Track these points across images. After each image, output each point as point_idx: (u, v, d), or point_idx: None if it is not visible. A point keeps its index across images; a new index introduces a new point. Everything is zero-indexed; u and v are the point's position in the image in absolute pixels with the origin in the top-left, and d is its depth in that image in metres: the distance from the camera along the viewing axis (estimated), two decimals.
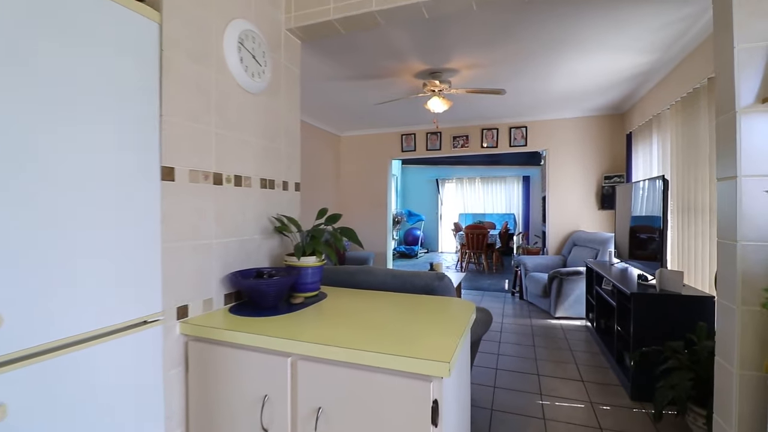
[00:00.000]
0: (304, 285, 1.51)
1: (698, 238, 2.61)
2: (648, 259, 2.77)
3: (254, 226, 1.54)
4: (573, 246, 4.79)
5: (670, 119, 3.10)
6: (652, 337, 2.30)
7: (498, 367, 2.87)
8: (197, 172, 1.28)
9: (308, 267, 1.51)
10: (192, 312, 1.26)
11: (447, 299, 1.51)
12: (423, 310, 1.37)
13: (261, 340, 1.09)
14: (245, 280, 1.34)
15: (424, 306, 1.42)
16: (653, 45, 2.86)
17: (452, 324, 1.19)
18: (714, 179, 2.37)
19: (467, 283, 6.02)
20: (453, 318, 1.26)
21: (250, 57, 1.50)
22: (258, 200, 1.57)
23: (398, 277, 1.73)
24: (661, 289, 2.38)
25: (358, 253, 5.38)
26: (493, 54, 3.05)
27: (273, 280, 1.35)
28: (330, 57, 3.10)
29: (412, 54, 3.05)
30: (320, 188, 5.63)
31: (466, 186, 10.35)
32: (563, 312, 4.07)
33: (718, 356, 1.30)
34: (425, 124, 5.56)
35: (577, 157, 4.99)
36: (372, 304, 1.44)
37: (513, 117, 5.19)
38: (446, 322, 1.22)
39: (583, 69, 3.38)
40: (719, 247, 1.31)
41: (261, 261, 1.58)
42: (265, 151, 1.61)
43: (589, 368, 2.82)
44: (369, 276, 1.77)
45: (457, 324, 1.18)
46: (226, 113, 1.41)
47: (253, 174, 1.54)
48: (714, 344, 2.01)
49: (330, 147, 5.94)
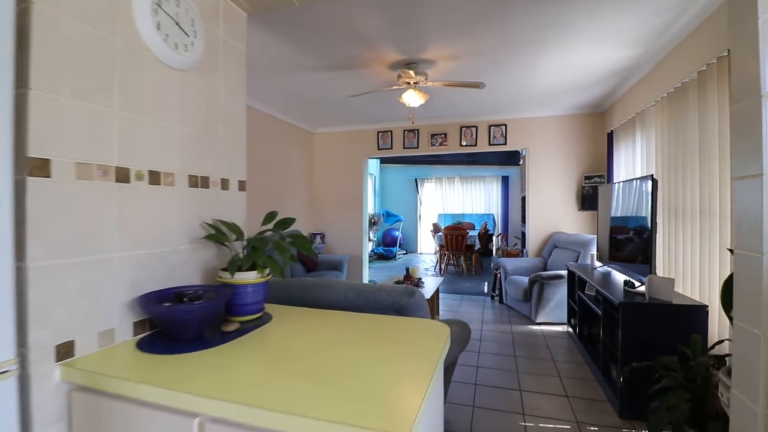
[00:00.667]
0: (241, 307, 1.23)
1: (686, 242, 2.46)
2: (633, 263, 2.61)
3: (179, 234, 1.24)
4: (553, 248, 4.65)
5: (654, 116, 2.96)
6: (642, 350, 2.13)
7: (477, 381, 2.65)
8: (90, 166, 0.97)
9: (247, 285, 1.23)
10: (81, 350, 0.96)
11: (417, 322, 1.25)
12: (386, 339, 1.10)
13: (158, 395, 0.80)
14: (156, 306, 1.05)
15: (388, 332, 1.15)
16: (639, 38, 2.70)
17: (420, 363, 0.93)
18: (707, 179, 2.22)
19: (446, 286, 5.82)
20: (422, 351, 1.00)
21: (173, 24, 1.20)
22: (185, 202, 1.27)
23: (361, 294, 1.46)
24: (651, 298, 2.21)
25: (332, 257, 5.08)
26: (471, 44, 2.82)
27: (194, 305, 1.06)
28: (296, 43, 2.81)
29: (385, 41, 2.79)
30: (291, 188, 5.30)
31: (445, 186, 10.19)
32: (544, 317, 3.91)
33: (736, 390, 1.09)
34: (402, 120, 5.32)
35: (557, 157, 4.86)
36: (325, 331, 1.17)
37: (492, 114, 5.02)
38: (414, 357, 0.97)
39: (565, 63, 3.20)
40: (737, 258, 1.10)
41: (190, 277, 1.28)
42: (196, 142, 1.32)
43: (574, 381, 2.63)
44: (327, 292, 1.50)
45: (426, 362, 0.93)
46: (136, 92, 1.10)
47: (179, 169, 1.24)
48: (711, 360, 1.86)
49: (302, 144, 5.62)
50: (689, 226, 2.42)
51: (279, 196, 5.02)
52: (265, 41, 2.79)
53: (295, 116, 5.14)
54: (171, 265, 1.21)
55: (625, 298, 2.26)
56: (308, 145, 5.81)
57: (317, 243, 5.66)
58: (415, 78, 3.08)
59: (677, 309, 2.10)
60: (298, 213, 5.49)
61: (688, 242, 2.44)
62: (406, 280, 3.77)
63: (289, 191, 5.28)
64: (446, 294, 5.32)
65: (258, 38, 2.72)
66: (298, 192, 5.53)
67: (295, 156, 5.42)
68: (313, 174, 5.92)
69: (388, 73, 3.41)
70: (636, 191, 2.64)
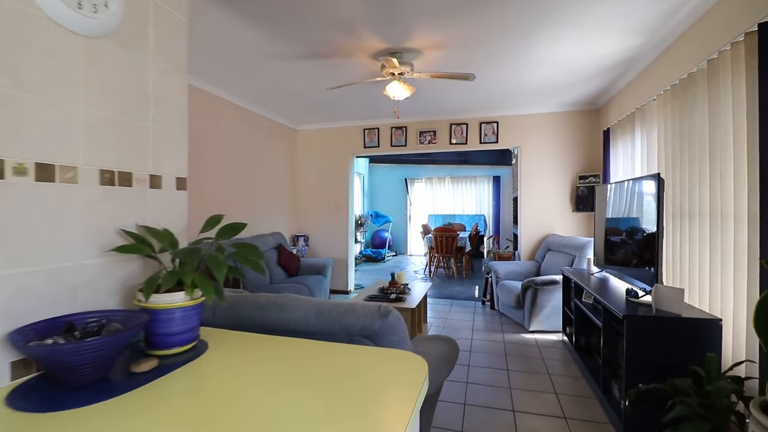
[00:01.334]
0: (163, 338, 0.96)
1: (693, 247, 2.25)
2: (635, 269, 2.39)
3: (84, 246, 0.97)
4: (547, 251, 4.44)
5: (657, 111, 2.75)
6: (648, 368, 1.91)
7: (467, 400, 2.41)
8: None
9: (173, 309, 0.96)
10: None
11: (388, 355, 1.00)
12: (350, 379, 0.85)
13: None
14: (33, 346, 0.78)
15: (352, 370, 0.90)
16: (641, 24, 2.49)
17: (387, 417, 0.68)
18: (718, 177, 2.00)
19: (435, 290, 5.58)
20: (392, 401, 0.75)
21: None
22: (94, 204, 1.00)
23: (324, 315, 1.20)
24: (658, 310, 1.99)
25: (315, 260, 4.81)
26: (460, 31, 2.59)
27: (83, 343, 0.79)
28: (269, 27, 2.54)
29: (366, 26, 2.54)
30: (272, 188, 5.02)
31: (435, 186, 9.97)
32: (538, 325, 3.69)
33: None
34: (390, 117, 5.07)
35: (551, 156, 4.66)
36: (272, 368, 0.91)
37: (483, 111, 4.80)
38: (381, 410, 0.71)
39: (559, 55, 2.99)
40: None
41: (102, 300, 1.01)
42: (111, 129, 1.05)
43: (572, 399, 2.41)
44: (284, 312, 1.24)
45: (395, 415, 0.68)
46: (19, 62, 0.84)
47: (83, 162, 0.97)
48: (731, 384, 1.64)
49: (285, 142, 5.34)
50: (697, 229, 2.21)
51: (259, 196, 4.73)
52: (244, 32, 2.52)
53: (276, 112, 4.86)
54: (72, 286, 0.95)
55: (628, 309, 2.04)
56: (291, 143, 5.53)
57: (300, 246, 5.39)
58: (400, 68, 2.83)
59: (688, 323, 1.88)
60: (280, 214, 5.21)
61: (695, 247, 2.23)
62: (392, 286, 3.52)
63: (271, 191, 4.99)
64: (435, 299, 5.08)
65: (224, 21, 2.44)
66: (281, 192, 5.25)
67: (277, 154, 5.14)
68: (296, 173, 5.64)
69: (372, 63, 3.16)
70: (638, 191, 2.43)
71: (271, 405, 0.75)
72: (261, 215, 4.78)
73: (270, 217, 4.97)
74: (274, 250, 4.59)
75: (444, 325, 3.99)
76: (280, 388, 0.82)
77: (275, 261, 4.49)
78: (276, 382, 0.85)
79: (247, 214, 4.46)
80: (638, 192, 2.44)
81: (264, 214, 4.84)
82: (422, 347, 1.65)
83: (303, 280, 4.34)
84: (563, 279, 3.46)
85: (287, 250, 4.70)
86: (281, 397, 0.78)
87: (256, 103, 4.47)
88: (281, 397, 0.78)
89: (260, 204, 4.77)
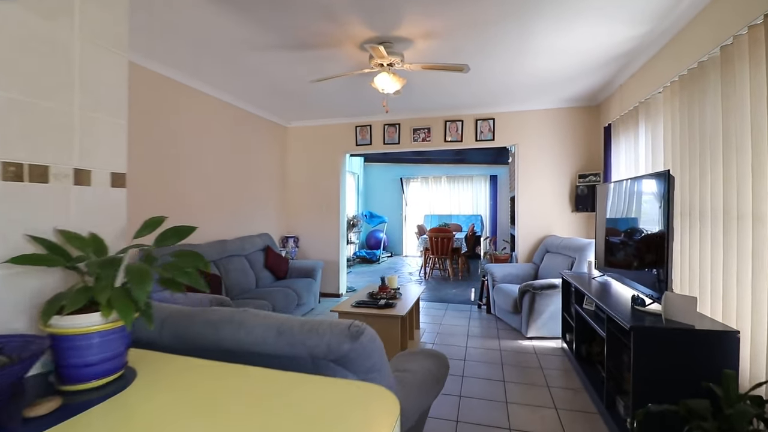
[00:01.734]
0: (75, 370, 0.78)
1: (705, 251, 2.08)
2: (640, 273, 2.22)
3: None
4: (545, 253, 4.27)
5: (663, 104, 2.58)
6: (657, 384, 1.73)
7: (460, 417, 2.23)
8: None
9: (88, 334, 0.78)
10: None
11: (356, 389, 0.82)
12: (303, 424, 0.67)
13: None
14: None
15: (310, 412, 0.72)
16: (647, 11, 2.31)
17: None
18: (734, 174, 1.83)
19: (430, 293, 5.40)
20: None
21: None
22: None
23: (285, 334, 1.02)
24: (668, 320, 1.82)
25: (305, 263, 4.62)
26: (453, 16, 2.40)
27: None
28: (250, 15, 2.35)
29: (353, 13, 2.36)
30: (261, 187, 4.83)
31: (431, 185, 9.79)
32: (536, 331, 3.51)
33: None
34: (382, 114, 4.89)
35: (549, 154, 4.48)
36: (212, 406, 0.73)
37: (479, 108, 4.62)
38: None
39: (559, 45, 2.81)
40: None
41: (5, 319, 0.83)
42: (17, 113, 0.86)
43: (574, 415, 2.23)
44: (241, 331, 1.06)
45: None
46: None
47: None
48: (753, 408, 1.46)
49: (274, 139, 5.14)
50: (709, 231, 2.04)
51: (246, 196, 4.53)
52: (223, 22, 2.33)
53: (263, 107, 4.67)
54: None
55: (635, 319, 1.86)
56: (281, 141, 5.33)
57: (290, 247, 5.19)
58: (388, 58, 2.65)
59: (701, 335, 1.71)
60: (268, 215, 5.01)
61: (707, 251, 2.05)
62: (382, 291, 3.33)
63: (259, 190, 4.80)
64: (430, 303, 4.90)
65: (203, 6, 2.25)
66: (270, 191, 5.05)
67: (265, 152, 4.95)
68: (286, 171, 5.45)
69: (360, 54, 2.97)
70: (644, 190, 2.25)
71: None
72: (248, 216, 4.58)
73: (258, 218, 4.78)
74: (261, 252, 4.40)
75: (438, 331, 3.81)
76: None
77: (262, 264, 4.30)
78: (211, 422, 0.66)
79: (233, 214, 4.27)
80: (644, 191, 2.26)
81: (252, 215, 4.65)
82: (406, 365, 1.47)
83: (291, 283, 4.15)
84: (563, 283, 3.28)
85: (275, 253, 4.51)
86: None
87: (241, 98, 4.27)
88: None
89: (248, 204, 4.57)
